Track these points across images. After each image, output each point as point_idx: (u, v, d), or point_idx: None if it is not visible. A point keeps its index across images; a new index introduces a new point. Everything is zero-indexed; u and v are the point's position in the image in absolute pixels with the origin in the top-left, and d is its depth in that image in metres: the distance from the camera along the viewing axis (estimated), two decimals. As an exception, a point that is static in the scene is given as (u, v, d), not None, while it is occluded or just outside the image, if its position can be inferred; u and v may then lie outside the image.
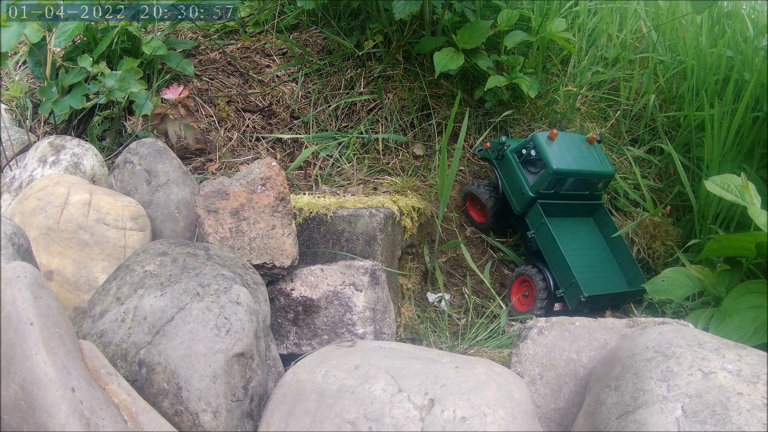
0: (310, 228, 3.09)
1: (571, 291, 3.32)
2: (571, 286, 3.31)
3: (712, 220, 3.55)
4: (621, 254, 3.59)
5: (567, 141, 3.53)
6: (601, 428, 2.00)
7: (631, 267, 3.54)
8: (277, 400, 2.16)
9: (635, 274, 3.51)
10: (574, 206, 3.64)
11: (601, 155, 3.59)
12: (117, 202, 2.71)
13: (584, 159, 3.51)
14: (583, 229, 3.65)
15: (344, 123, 3.88)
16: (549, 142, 3.44)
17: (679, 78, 4.16)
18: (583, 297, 3.24)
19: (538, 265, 3.49)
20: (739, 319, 2.83)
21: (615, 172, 3.63)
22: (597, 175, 3.55)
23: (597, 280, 3.44)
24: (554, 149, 3.43)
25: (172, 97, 3.41)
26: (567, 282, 3.34)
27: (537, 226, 3.49)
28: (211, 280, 2.28)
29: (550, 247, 3.43)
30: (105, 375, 2.03)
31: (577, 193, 3.58)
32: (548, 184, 3.43)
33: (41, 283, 1.97)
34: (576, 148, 3.52)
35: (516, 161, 3.53)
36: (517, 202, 3.55)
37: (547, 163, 3.38)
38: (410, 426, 1.90)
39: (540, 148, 3.42)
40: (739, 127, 3.55)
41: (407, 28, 3.97)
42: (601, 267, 3.55)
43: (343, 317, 2.74)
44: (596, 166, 3.53)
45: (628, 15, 4.52)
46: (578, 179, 3.51)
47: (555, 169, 3.37)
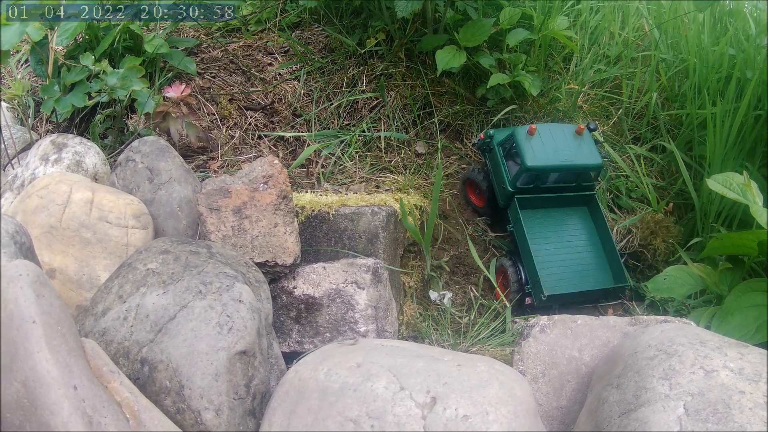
0: (312, 226, 3.09)
1: (535, 289, 3.34)
2: (536, 284, 3.32)
3: (714, 218, 3.54)
4: (609, 249, 3.58)
5: (550, 134, 3.50)
6: (603, 426, 2.00)
7: (616, 263, 3.54)
8: (279, 398, 2.16)
9: (619, 271, 3.50)
10: (564, 197, 3.62)
11: (590, 146, 3.56)
12: (119, 200, 2.71)
13: (568, 152, 3.48)
14: (572, 220, 3.63)
15: (346, 121, 3.88)
16: (528, 137, 3.42)
17: (681, 76, 4.16)
18: (544, 296, 3.24)
19: (513, 258, 3.51)
20: (741, 317, 2.84)
21: (603, 163, 3.60)
22: (580, 168, 3.52)
23: (570, 277, 3.43)
24: (533, 144, 3.41)
25: (174, 95, 3.41)
26: (533, 279, 3.35)
27: (514, 221, 3.50)
28: (214, 278, 2.28)
29: (522, 243, 3.44)
30: (107, 373, 2.03)
31: (564, 185, 3.57)
32: (526, 180, 3.43)
33: (43, 282, 1.97)
34: (561, 140, 3.49)
35: (500, 154, 3.53)
36: (500, 195, 3.56)
37: (522, 160, 3.37)
38: (412, 424, 1.90)
39: (518, 143, 3.41)
40: (741, 126, 3.55)
41: (409, 26, 3.97)
42: (580, 263, 3.53)
43: (346, 315, 2.74)
44: (581, 158, 3.50)
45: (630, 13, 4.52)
46: (563, 173, 3.50)
47: (529, 166, 3.35)
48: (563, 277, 3.43)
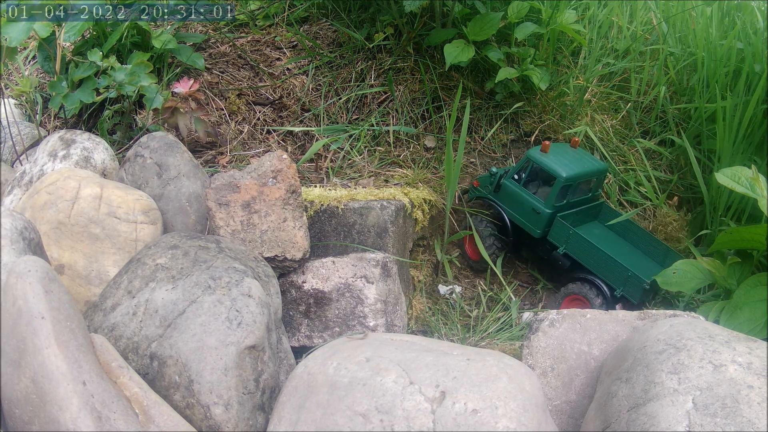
0: (321, 220, 3.10)
1: (630, 284, 3.28)
2: (629, 279, 3.28)
3: (723, 212, 3.54)
4: (641, 241, 3.56)
5: (558, 149, 3.52)
6: (612, 420, 2.00)
7: (658, 247, 3.52)
8: (288, 392, 2.16)
9: (665, 253, 3.48)
10: (583, 212, 3.61)
11: (589, 155, 3.61)
12: (128, 195, 2.71)
13: (580, 161, 3.50)
14: (596, 232, 3.62)
15: (355, 115, 3.88)
16: (545, 155, 3.42)
17: (689, 70, 4.15)
18: (647, 284, 3.21)
19: (587, 278, 3.43)
20: (750, 311, 2.83)
21: (607, 167, 3.64)
22: (598, 173, 3.54)
23: (646, 266, 3.42)
24: (554, 159, 3.42)
25: (182, 90, 3.41)
26: (623, 278, 3.30)
27: (566, 240, 3.45)
28: (223, 273, 2.29)
29: (591, 253, 3.39)
30: (116, 368, 2.04)
31: (582, 198, 3.56)
32: (560, 195, 3.41)
33: (52, 277, 1.98)
34: (568, 153, 3.51)
35: (518, 186, 3.50)
36: (534, 225, 3.50)
37: (557, 174, 3.35)
38: (421, 418, 1.90)
39: (541, 162, 3.40)
40: (750, 120, 3.54)
41: (417, 21, 3.97)
42: (636, 257, 3.52)
43: (355, 309, 2.75)
44: (593, 165, 3.53)
45: (638, 7, 4.51)
46: (580, 183, 3.49)
47: (566, 176, 3.35)
48: (642, 266, 3.40)
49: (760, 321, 2.79)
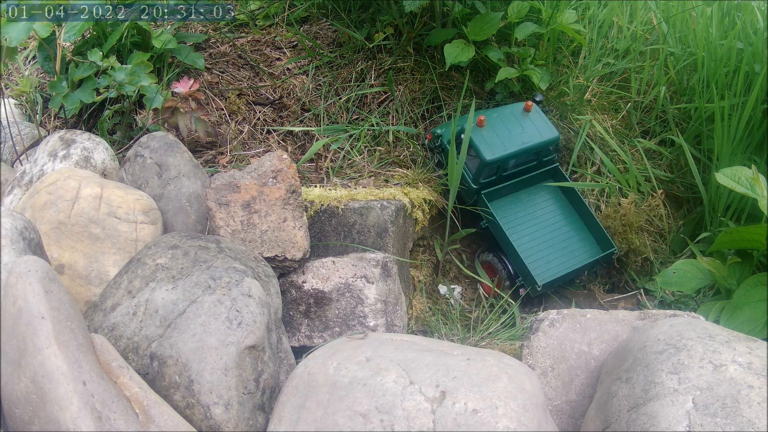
0: (321, 220, 3.10)
1: (527, 280, 3.33)
2: (527, 276, 3.31)
3: (723, 212, 3.54)
4: (586, 216, 3.56)
5: (500, 121, 3.49)
6: (612, 420, 2.00)
7: (597, 230, 3.52)
8: (288, 392, 2.16)
9: (602, 237, 3.48)
10: (527, 178, 3.61)
11: (542, 120, 3.56)
12: (128, 195, 2.71)
13: (523, 133, 3.47)
14: (542, 198, 3.61)
15: (355, 115, 3.88)
16: (478, 129, 3.41)
17: (689, 70, 4.15)
18: (538, 287, 3.24)
19: (495, 252, 3.50)
20: (750, 311, 2.84)
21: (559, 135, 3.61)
22: (539, 147, 3.52)
23: (558, 259, 3.42)
24: (485, 136, 3.40)
25: (182, 90, 3.41)
26: (523, 271, 3.34)
27: (486, 217, 3.48)
28: (223, 272, 2.29)
29: (502, 237, 3.43)
30: (116, 368, 2.04)
31: (524, 167, 3.56)
32: (487, 173, 3.41)
33: (52, 277, 1.98)
34: (512, 124, 3.48)
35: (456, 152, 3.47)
36: (465, 194, 3.54)
37: (480, 156, 3.36)
38: (422, 418, 1.90)
39: (470, 140, 3.38)
40: (750, 119, 3.55)
41: (418, 20, 3.97)
42: (563, 240, 3.51)
43: (355, 309, 2.75)
44: (537, 136, 3.50)
45: (638, 7, 4.51)
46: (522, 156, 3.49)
47: (488, 160, 3.35)
48: (551, 260, 3.41)
49: (760, 321, 2.79)
